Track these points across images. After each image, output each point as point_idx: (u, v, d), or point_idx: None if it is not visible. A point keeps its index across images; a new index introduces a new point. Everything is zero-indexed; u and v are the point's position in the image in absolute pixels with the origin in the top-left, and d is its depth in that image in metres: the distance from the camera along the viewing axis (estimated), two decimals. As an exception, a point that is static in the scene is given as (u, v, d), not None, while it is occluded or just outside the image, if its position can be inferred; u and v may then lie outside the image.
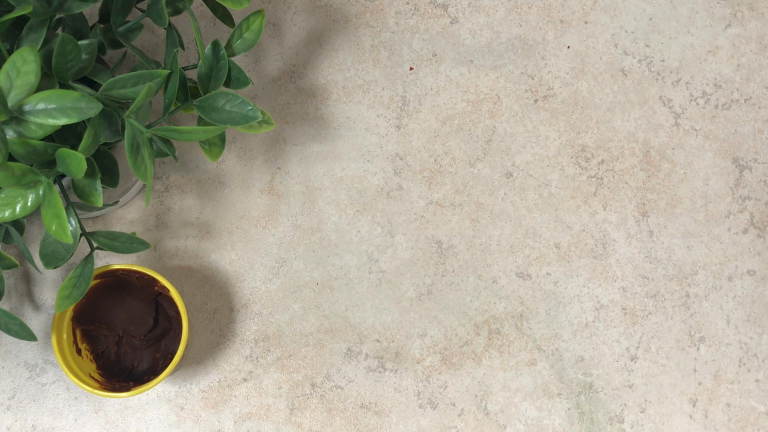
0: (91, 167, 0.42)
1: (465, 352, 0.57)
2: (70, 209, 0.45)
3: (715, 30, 0.60)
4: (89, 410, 0.56)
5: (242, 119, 0.45)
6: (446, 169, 0.59)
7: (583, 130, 0.59)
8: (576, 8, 0.60)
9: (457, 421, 0.56)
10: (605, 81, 0.60)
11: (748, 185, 0.59)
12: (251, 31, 0.48)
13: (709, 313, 0.58)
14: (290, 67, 0.59)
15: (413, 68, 0.59)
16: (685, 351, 0.57)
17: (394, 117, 0.59)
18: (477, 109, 0.59)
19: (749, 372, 0.57)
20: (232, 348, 0.57)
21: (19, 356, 0.56)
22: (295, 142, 0.59)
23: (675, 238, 0.58)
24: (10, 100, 0.37)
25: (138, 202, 0.58)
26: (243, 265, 0.58)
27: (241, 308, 0.57)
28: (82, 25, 0.47)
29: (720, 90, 0.60)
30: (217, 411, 0.56)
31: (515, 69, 0.60)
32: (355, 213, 0.58)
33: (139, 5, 0.49)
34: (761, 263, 0.58)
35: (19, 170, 0.38)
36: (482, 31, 0.60)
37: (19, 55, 0.37)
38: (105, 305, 0.54)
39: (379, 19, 0.60)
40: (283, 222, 0.58)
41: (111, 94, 0.42)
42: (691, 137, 0.59)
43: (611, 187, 0.58)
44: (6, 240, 0.48)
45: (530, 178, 0.58)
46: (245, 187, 0.58)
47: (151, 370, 0.54)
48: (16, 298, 0.57)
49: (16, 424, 0.56)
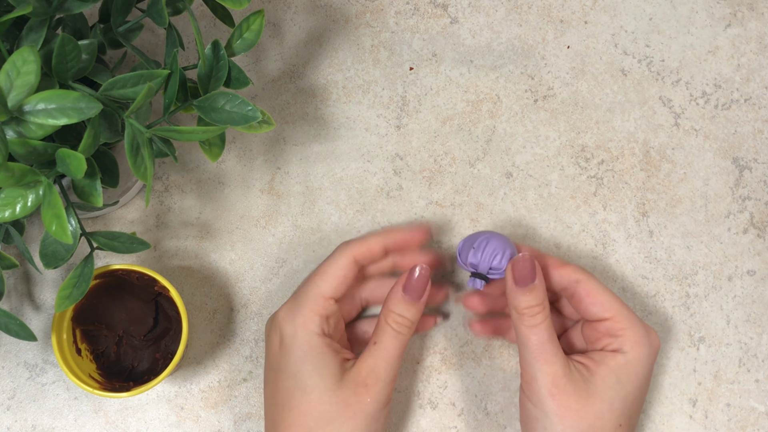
0: (91, 167, 0.42)
1: (465, 352, 0.57)
2: (70, 209, 0.45)
3: (715, 30, 0.60)
4: (89, 410, 0.56)
5: (242, 119, 0.45)
6: (446, 169, 0.59)
7: (583, 130, 0.59)
8: (576, 8, 0.60)
9: (457, 421, 0.57)
10: (605, 81, 0.60)
11: (748, 185, 0.59)
12: (251, 31, 0.48)
13: (709, 313, 0.58)
14: (290, 67, 0.59)
15: (413, 68, 0.59)
16: (684, 351, 0.57)
17: (394, 117, 0.59)
18: (477, 109, 0.59)
19: (749, 372, 0.57)
20: (232, 348, 0.57)
21: (19, 356, 0.56)
22: (295, 142, 0.59)
23: (675, 238, 0.58)
24: (10, 100, 0.37)
25: (138, 202, 0.58)
26: (243, 265, 0.58)
27: (241, 308, 0.57)
28: (82, 25, 0.47)
29: (720, 90, 0.60)
30: (217, 411, 0.56)
31: (515, 69, 0.60)
32: (355, 213, 0.58)
33: (139, 5, 0.49)
34: (761, 263, 0.58)
35: (19, 170, 0.38)
36: (482, 31, 0.60)
37: (19, 55, 0.37)
38: (105, 305, 0.54)
39: (379, 19, 0.60)
40: (283, 222, 0.58)
41: (111, 94, 0.42)
42: (691, 137, 0.59)
43: (611, 187, 0.58)
44: (6, 240, 0.48)
45: (530, 178, 0.58)
46: (245, 187, 0.58)
47: (151, 370, 0.54)
48: (16, 298, 0.57)
49: (16, 424, 0.56)
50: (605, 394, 0.48)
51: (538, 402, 0.48)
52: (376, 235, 0.53)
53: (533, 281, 0.49)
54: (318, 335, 0.50)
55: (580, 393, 0.48)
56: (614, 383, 0.49)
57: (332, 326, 0.51)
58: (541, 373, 0.48)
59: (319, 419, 0.48)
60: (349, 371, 0.49)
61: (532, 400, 0.48)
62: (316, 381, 0.49)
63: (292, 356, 0.49)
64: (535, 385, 0.48)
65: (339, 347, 0.51)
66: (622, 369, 0.49)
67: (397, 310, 0.50)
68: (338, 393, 0.49)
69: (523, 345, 0.49)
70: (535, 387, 0.48)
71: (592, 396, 0.48)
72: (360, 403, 0.49)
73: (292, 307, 0.51)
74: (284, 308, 0.51)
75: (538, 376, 0.48)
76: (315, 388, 0.49)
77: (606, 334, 0.50)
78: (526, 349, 0.48)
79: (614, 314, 0.50)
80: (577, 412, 0.47)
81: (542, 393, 0.48)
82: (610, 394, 0.48)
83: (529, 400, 0.49)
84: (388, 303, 0.51)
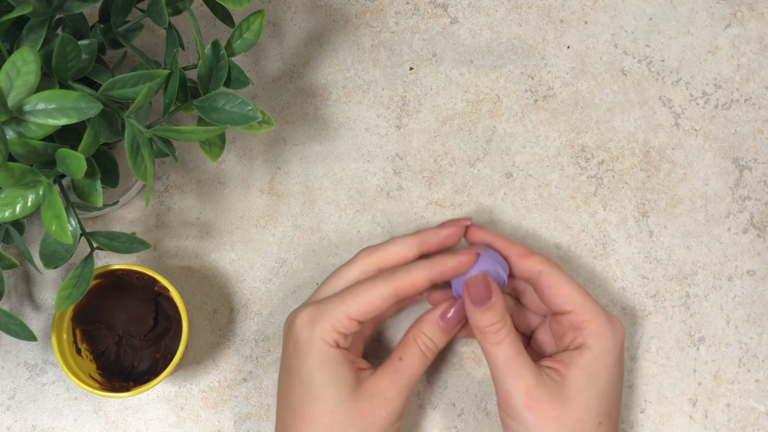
0: (91, 167, 0.42)
1: (465, 352, 0.57)
2: (70, 209, 0.45)
3: (715, 30, 0.60)
4: (89, 410, 0.56)
5: (242, 119, 0.45)
6: (446, 169, 0.59)
7: (583, 130, 0.59)
8: (576, 8, 0.60)
9: (457, 421, 0.56)
10: (605, 81, 0.60)
11: (748, 185, 0.59)
12: (251, 31, 0.48)
13: (709, 313, 0.58)
14: (290, 67, 0.59)
15: (413, 68, 0.59)
16: (684, 351, 0.57)
17: (394, 117, 0.59)
18: (477, 109, 0.59)
19: (749, 372, 0.57)
20: (232, 348, 0.57)
21: (19, 356, 0.56)
22: (295, 142, 0.59)
23: (675, 238, 0.58)
24: (10, 100, 0.37)
25: (138, 202, 0.58)
26: (243, 265, 0.58)
27: (241, 308, 0.57)
28: (82, 25, 0.47)
29: (720, 90, 0.60)
30: (217, 411, 0.56)
31: (515, 69, 0.60)
32: (355, 213, 0.58)
33: (139, 5, 0.49)
34: (761, 263, 0.58)
35: (19, 170, 0.38)
36: (482, 31, 0.60)
37: (19, 55, 0.37)
38: (105, 305, 0.54)
39: (379, 19, 0.60)
40: (283, 222, 0.58)
41: (111, 94, 0.42)
42: (691, 137, 0.59)
43: (611, 187, 0.58)
44: (6, 240, 0.48)
45: (530, 178, 0.58)
46: (245, 187, 0.58)
47: (151, 370, 0.54)
48: (16, 298, 0.57)
49: (16, 424, 0.56)
50: (580, 396, 0.48)
51: (516, 416, 0.48)
52: (422, 268, 0.50)
53: (489, 299, 0.48)
54: (334, 348, 0.49)
55: (556, 400, 0.48)
56: (587, 383, 0.48)
57: (349, 341, 0.50)
58: (514, 387, 0.48)
59: (331, 427, 0.48)
60: (366, 381, 0.49)
61: (510, 415, 0.48)
62: (331, 391, 0.48)
63: (306, 363, 0.49)
64: (509, 400, 0.48)
65: (354, 357, 0.50)
66: (591, 366, 0.49)
67: (429, 333, 0.50)
68: (353, 403, 0.48)
69: (492, 362, 0.49)
70: (511, 402, 0.48)
71: (568, 400, 0.48)
72: (374, 416, 0.48)
73: (314, 315, 0.49)
74: (305, 313, 0.50)
75: (511, 390, 0.48)
76: (329, 397, 0.48)
77: (570, 328, 0.50)
78: (495, 366, 0.48)
79: (576, 306, 0.50)
80: (556, 420, 0.47)
81: (518, 407, 0.48)
82: (585, 395, 0.48)
83: (508, 415, 0.49)
84: (422, 325, 0.51)
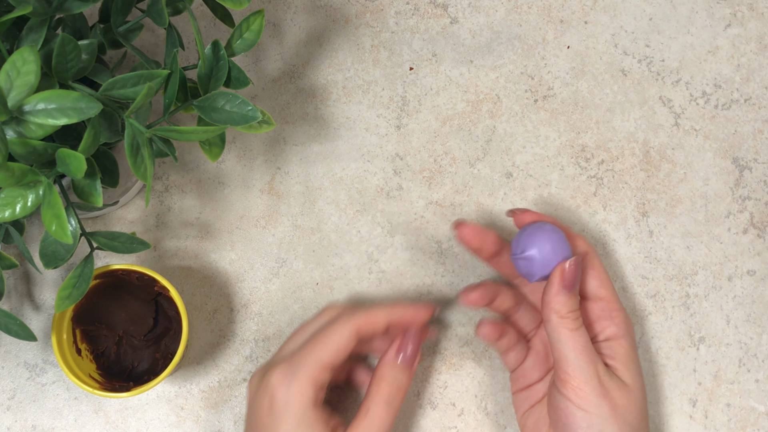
0: (91, 167, 0.42)
1: (465, 352, 0.57)
2: (70, 209, 0.45)
3: (715, 30, 0.60)
4: (89, 410, 0.56)
5: (242, 119, 0.45)
6: (446, 169, 0.59)
7: (583, 130, 0.59)
8: (576, 8, 0.60)
9: (457, 421, 0.56)
10: (605, 81, 0.60)
11: (748, 185, 0.59)
12: (251, 31, 0.48)
13: (709, 313, 0.58)
14: (290, 67, 0.59)
15: (413, 68, 0.59)
16: (684, 351, 0.57)
17: (394, 117, 0.59)
18: (477, 109, 0.59)
19: (749, 372, 0.57)
20: (232, 348, 0.57)
21: (19, 356, 0.56)
22: (295, 142, 0.59)
23: (675, 238, 0.58)
24: (10, 100, 0.37)
25: (138, 202, 0.58)
26: (243, 265, 0.58)
27: (241, 308, 0.57)
28: (82, 25, 0.47)
29: (720, 90, 0.60)
30: (217, 411, 0.56)
31: (515, 69, 0.60)
32: (355, 213, 0.58)
33: (139, 5, 0.49)
34: (761, 263, 0.58)
35: (19, 170, 0.38)
36: (482, 31, 0.60)
37: (19, 55, 0.37)
38: (105, 305, 0.54)
39: (379, 19, 0.60)
40: (283, 222, 0.58)
41: (111, 94, 0.42)
42: (691, 137, 0.59)
43: (611, 187, 0.58)
44: (6, 240, 0.48)
45: (530, 178, 0.58)
46: (245, 187, 0.58)
47: (151, 370, 0.54)
48: (16, 298, 0.57)
49: (16, 424, 0.56)
50: (636, 384, 0.50)
51: (587, 405, 0.49)
52: (381, 309, 0.51)
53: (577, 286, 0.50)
54: (311, 407, 0.49)
55: (622, 388, 0.49)
56: (634, 371, 0.50)
57: (324, 394, 0.50)
58: (589, 375, 0.49)
59: None
60: None
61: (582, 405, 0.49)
62: None
63: (282, 424, 0.48)
64: (584, 387, 0.49)
65: (328, 417, 0.50)
66: (631, 355, 0.51)
67: (390, 377, 0.51)
68: None
69: (568, 348, 0.49)
70: (586, 389, 0.49)
71: (627, 387, 0.50)
72: None
73: (288, 372, 0.49)
74: (278, 371, 0.50)
75: (587, 378, 0.49)
76: None
77: (600, 317, 0.51)
78: (572, 352, 0.49)
79: (608, 294, 0.52)
80: (626, 407, 0.49)
81: (593, 396, 0.49)
82: (639, 383, 0.50)
83: (578, 406, 0.49)
84: (382, 370, 0.51)
